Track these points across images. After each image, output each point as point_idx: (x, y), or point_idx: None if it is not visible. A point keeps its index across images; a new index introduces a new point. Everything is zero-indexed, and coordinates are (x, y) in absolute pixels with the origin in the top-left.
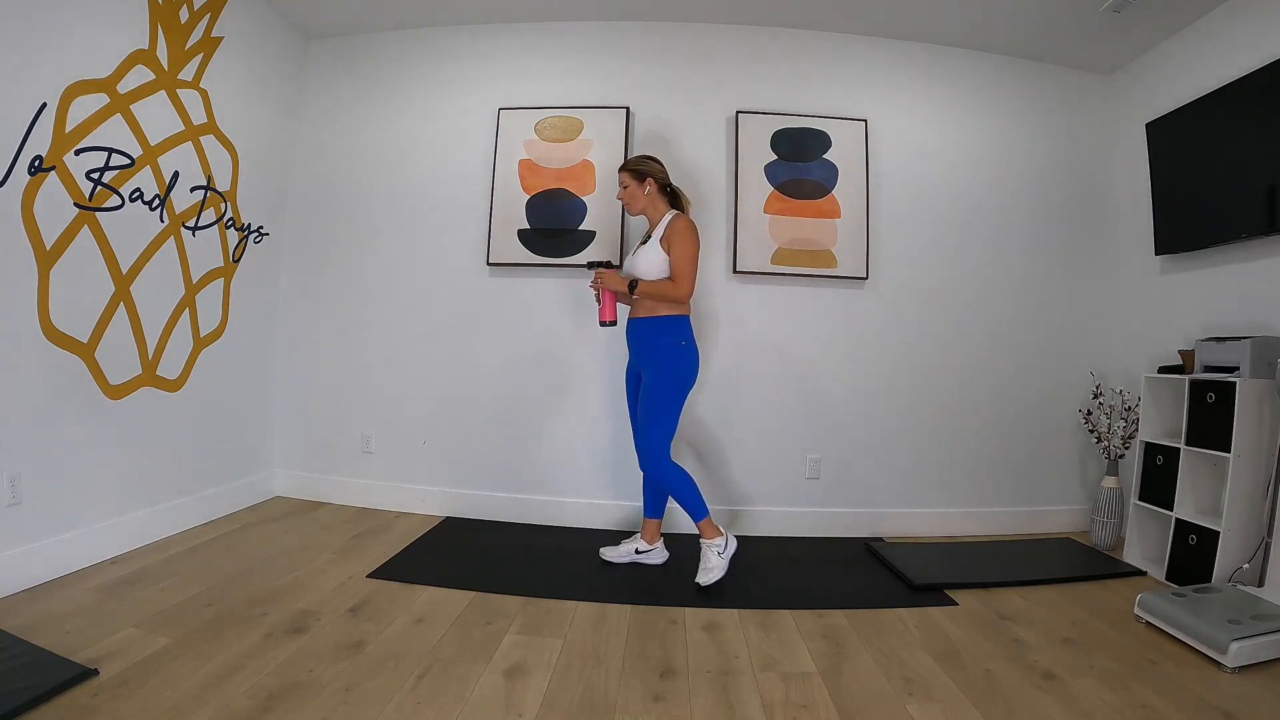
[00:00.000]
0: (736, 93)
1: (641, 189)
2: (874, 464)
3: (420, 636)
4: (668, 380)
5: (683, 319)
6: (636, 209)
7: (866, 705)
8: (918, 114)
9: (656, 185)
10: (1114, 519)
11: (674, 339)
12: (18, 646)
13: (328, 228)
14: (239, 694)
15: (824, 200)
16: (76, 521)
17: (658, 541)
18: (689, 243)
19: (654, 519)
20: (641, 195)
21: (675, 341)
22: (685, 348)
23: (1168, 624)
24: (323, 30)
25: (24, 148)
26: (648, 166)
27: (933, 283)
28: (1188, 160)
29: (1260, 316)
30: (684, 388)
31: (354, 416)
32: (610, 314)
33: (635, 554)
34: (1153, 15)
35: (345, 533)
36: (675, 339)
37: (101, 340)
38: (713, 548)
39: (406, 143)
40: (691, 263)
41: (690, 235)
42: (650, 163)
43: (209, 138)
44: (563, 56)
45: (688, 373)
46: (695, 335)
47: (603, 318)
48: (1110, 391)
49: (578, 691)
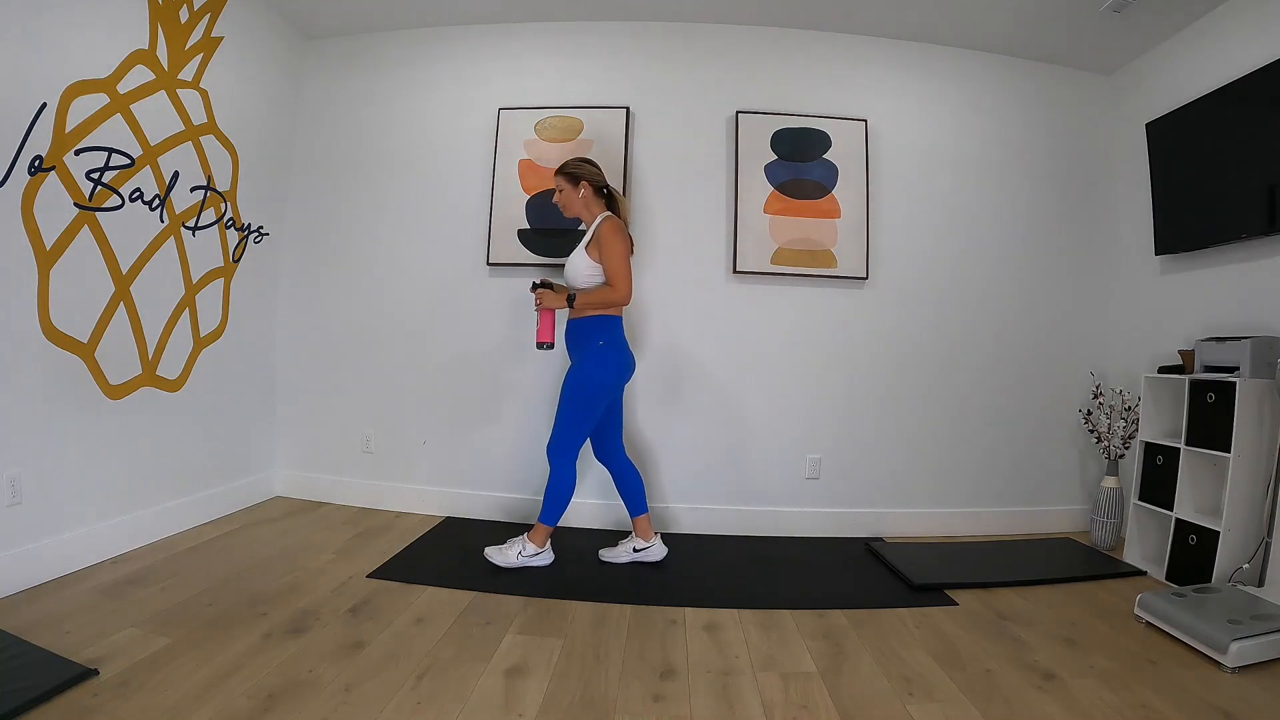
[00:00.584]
0: (736, 93)
1: (576, 192)
2: (874, 464)
3: (420, 636)
4: (581, 379)
5: (610, 320)
6: (571, 212)
7: (866, 705)
8: (918, 114)
9: (591, 189)
10: (1114, 519)
11: (593, 339)
12: (18, 646)
13: (328, 228)
14: (239, 694)
15: (824, 200)
16: (76, 521)
17: (654, 537)
18: (617, 244)
19: (641, 515)
20: (576, 199)
21: (594, 341)
22: (604, 348)
23: (1168, 624)
24: (323, 30)
25: (24, 148)
26: (582, 170)
27: (933, 283)
28: (1188, 160)
29: (1260, 316)
30: (597, 388)
31: (354, 416)
32: (548, 335)
33: (634, 553)
34: (1153, 15)
35: (345, 533)
36: (594, 339)
37: (101, 340)
38: (525, 548)
39: (406, 142)
40: (624, 263)
41: (617, 236)
42: (585, 165)
43: (209, 138)
44: (563, 56)
45: (601, 373)
46: (628, 337)
47: (540, 339)
48: (1110, 391)
49: (578, 691)
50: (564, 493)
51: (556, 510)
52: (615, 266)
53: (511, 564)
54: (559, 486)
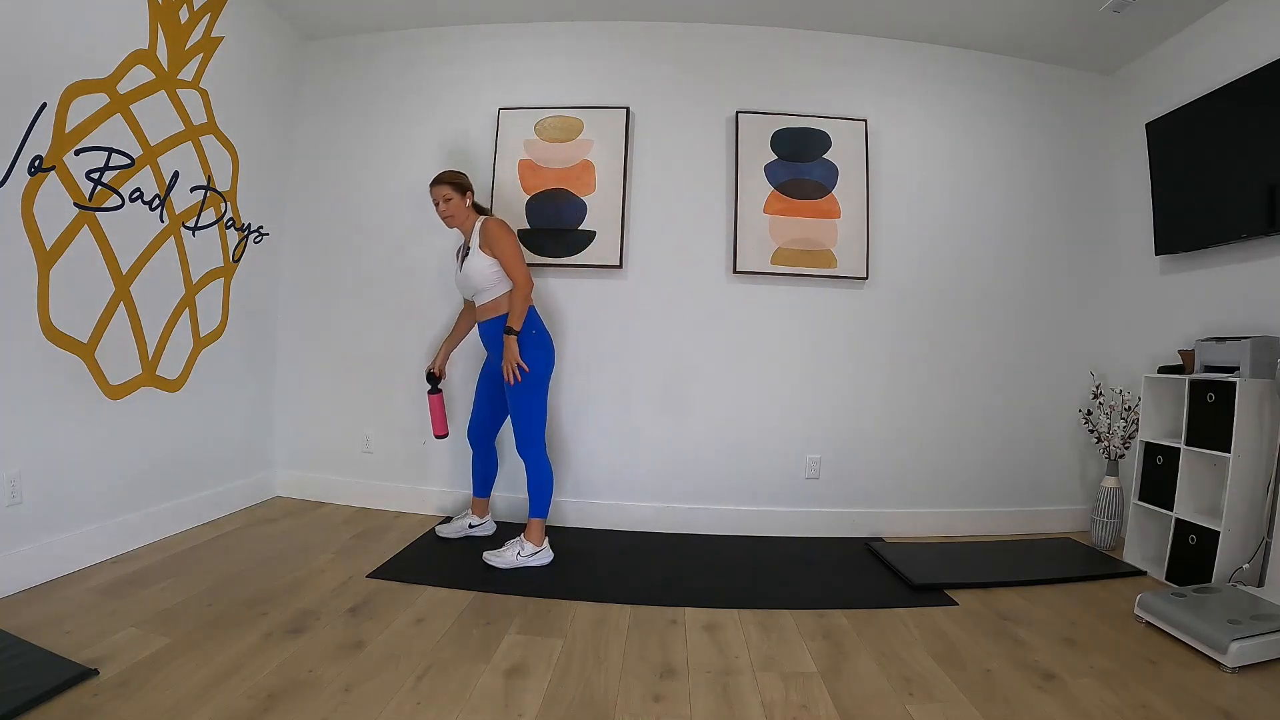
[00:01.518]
0: (736, 93)
1: (464, 201)
2: (874, 464)
3: (420, 636)
4: (532, 370)
5: (532, 310)
6: (457, 222)
7: (866, 705)
8: (918, 114)
9: (471, 197)
10: (1114, 519)
11: (525, 332)
12: (18, 646)
13: (328, 227)
14: (239, 694)
15: (824, 200)
16: (76, 521)
17: (487, 515)
18: (507, 238)
19: (483, 498)
20: (464, 207)
21: (527, 333)
22: (537, 336)
23: (1168, 624)
24: (323, 30)
25: (24, 148)
26: (466, 179)
27: (933, 282)
28: (1188, 160)
29: (1260, 316)
30: (545, 374)
31: (354, 416)
32: (442, 428)
33: (469, 529)
34: (1153, 15)
35: (345, 533)
36: (526, 331)
37: (101, 340)
38: (523, 548)
39: (406, 142)
40: (518, 255)
41: (505, 230)
42: (464, 176)
43: (209, 138)
44: (563, 56)
45: (547, 359)
46: (546, 324)
47: (436, 432)
48: (1110, 391)
49: (578, 691)
50: (547, 482)
51: (544, 501)
52: (513, 262)
53: (511, 565)
54: (540, 477)
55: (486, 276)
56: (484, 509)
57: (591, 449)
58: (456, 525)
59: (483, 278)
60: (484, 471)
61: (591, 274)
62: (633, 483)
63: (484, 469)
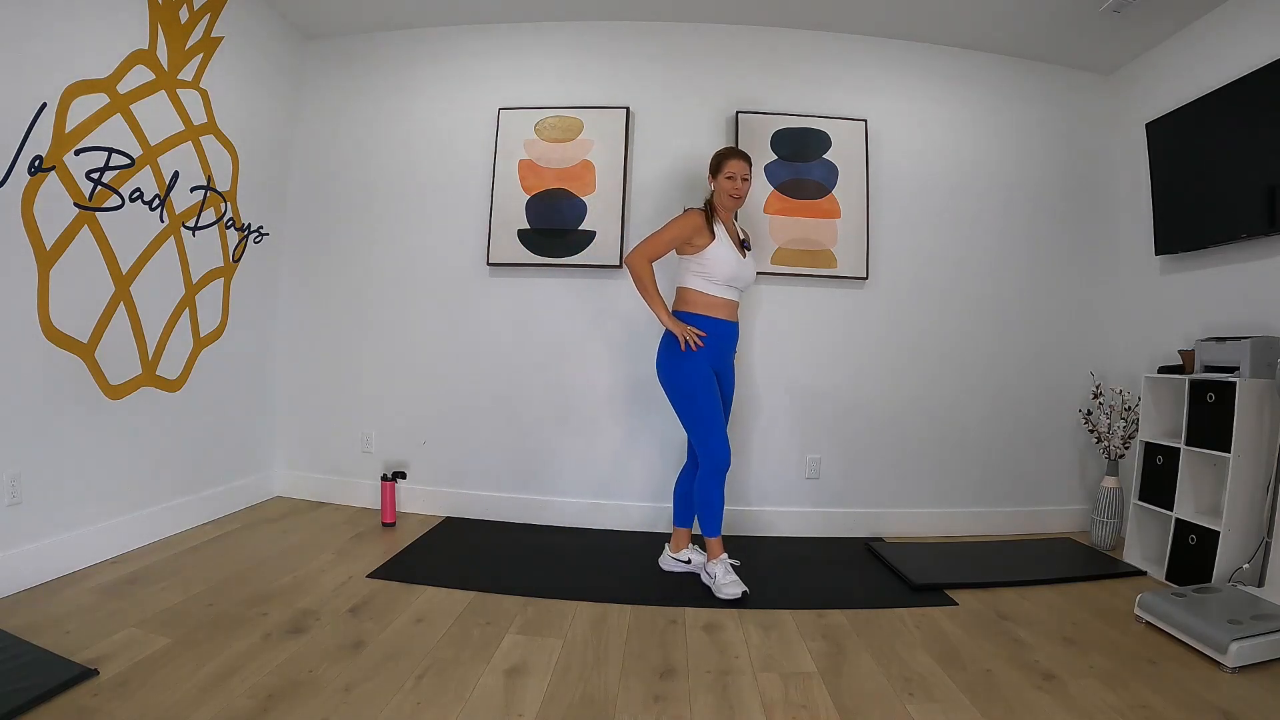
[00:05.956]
0: (736, 93)
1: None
2: (874, 464)
3: (420, 636)
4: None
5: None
6: (741, 204)
7: (866, 705)
8: (918, 114)
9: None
10: (1114, 519)
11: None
12: (18, 646)
13: (328, 228)
14: (239, 694)
15: (824, 200)
16: (76, 521)
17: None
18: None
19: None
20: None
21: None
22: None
23: (1168, 624)
24: (323, 30)
25: (24, 148)
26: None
27: (932, 282)
28: (1188, 160)
29: (1260, 316)
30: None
31: (354, 416)
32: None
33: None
34: (1153, 15)
35: (345, 533)
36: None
37: (101, 340)
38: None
39: (406, 142)
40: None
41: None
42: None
43: (209, 138)
44: (563, 56)
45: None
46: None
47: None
48: (1110, 391)
49: (578, 692)
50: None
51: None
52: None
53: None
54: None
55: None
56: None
57: (593, 449)
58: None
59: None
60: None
61: (591, 274)
62: (634, 483)
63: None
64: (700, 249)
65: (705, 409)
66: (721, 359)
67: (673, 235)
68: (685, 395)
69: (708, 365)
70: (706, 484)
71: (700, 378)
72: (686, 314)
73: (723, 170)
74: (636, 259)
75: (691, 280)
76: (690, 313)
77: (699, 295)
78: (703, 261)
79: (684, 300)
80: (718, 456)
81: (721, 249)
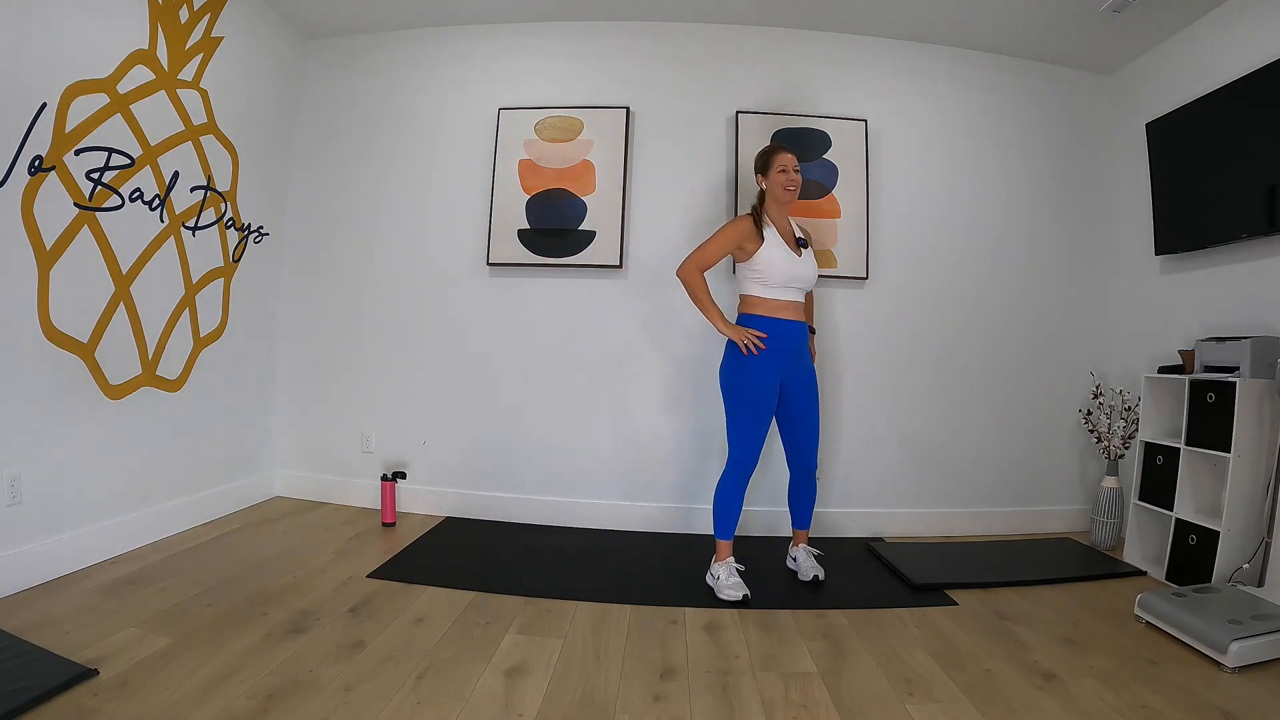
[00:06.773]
0: (736, 93)
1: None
2: (874, 464)
3: (420, 636)
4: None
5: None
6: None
7: (866, 705)
8: (917, 114)
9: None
10: (1114, 519)
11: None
12: (18, 646)
13: (328, 227)
14: (239, 694)
15: (824, 200)
16: (76, 521)
17: (799, 546)
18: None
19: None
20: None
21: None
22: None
23: (1168, 624)
24: (323, 30)
25: (24, 148)
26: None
27: (933, 282)
28: (1188, 160)
29: (1260, 316)
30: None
31: (354, 416)
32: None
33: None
34: (1153, 15)
35: (345, 533)
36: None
37: (101, 340)
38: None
39: (406, 142)
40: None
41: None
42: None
43: (209, 138)
44: (563, 56)
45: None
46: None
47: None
48: (1110, 391)
49: (578, 692)
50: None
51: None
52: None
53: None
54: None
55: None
56: (797, 539)
57: (593, 449)
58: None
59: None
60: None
61: (591, 274)
62: (635, 483)
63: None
64: (752, 254)
65: (750, 417)
66: (790, 359)
67: (721, 243)
68: (738, 399)
69: (773, 371)
70: (726, 486)
71: (759, 386)
72: (747, 316)
73: (773, 165)
74: (687, 270)
75: (750, 286)
76: (751, 314)
77: (758, 300)
78: (756, 266)
79: (745, 305)
80: (744, 463)
81: (772, 251)
